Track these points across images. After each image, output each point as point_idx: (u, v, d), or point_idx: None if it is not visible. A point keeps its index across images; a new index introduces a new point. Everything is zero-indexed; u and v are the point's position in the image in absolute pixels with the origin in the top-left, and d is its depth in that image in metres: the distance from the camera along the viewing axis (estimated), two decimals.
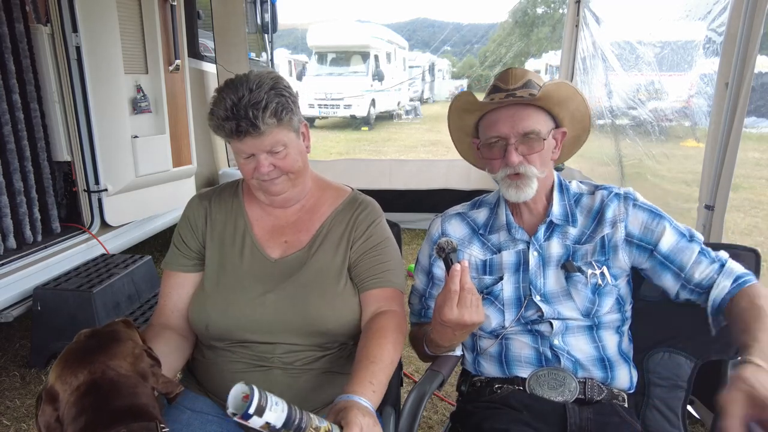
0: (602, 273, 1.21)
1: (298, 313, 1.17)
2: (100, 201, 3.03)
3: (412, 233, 4.60)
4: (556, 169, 1.34)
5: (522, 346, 1.24)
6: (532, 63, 20.73)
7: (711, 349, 1.22)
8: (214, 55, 4.55)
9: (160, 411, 0.93)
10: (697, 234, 1.21)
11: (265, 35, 4.89)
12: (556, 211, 1.27)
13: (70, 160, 2.92)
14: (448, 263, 1.10)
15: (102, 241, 3.05)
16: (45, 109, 2.80)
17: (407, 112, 18.16)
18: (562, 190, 1.30)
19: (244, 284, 1.21)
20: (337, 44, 16.36)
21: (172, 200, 3.52)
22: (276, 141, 1.14)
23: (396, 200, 4.32)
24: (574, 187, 1.31)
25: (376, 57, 16.36)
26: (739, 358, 0.96)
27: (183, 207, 1.33)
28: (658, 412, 1.31)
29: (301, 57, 19.59)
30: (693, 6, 2.57)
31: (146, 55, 3.20)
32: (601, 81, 3.71)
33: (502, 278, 1.26)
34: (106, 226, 3.11)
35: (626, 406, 1.21)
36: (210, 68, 4.56)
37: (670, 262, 1.19)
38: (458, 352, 1.31)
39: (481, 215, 1.36)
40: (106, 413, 0.85)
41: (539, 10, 22.90)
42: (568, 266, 1.22)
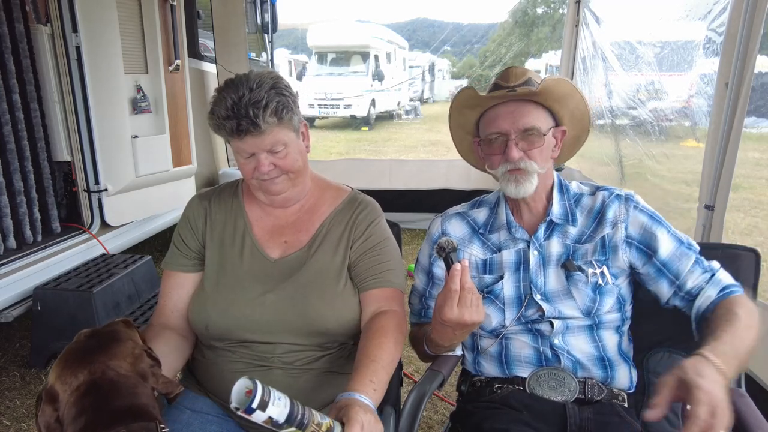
0: (602, 272, 1.21)
1: (298, 313, 1.17)
2: (100, 201, 3.03)
3: (412, 233, 4.60)
4: (556, 169, 1.34)
5: (522, 345, 1.24)
6: (532, 63, 20.72)
7: None
8: (214, 55, 4.55)
9: (160, 411, 0.93)
10: (694, 243, 1.22)
11: (265, 35, 4.89)
12: (556, 210, 1.27)
13: (70, 160, 2.92)
14: (449, 263, 1.10)
15: (102, 241, 3.05)
16: (45, 109, 2.81)
17: (407, 112, 18.16)
18: (562, 190, 1.30)
19: (243, 284, 1.21)
20: (337, 44, 16.36)
21: (172, 200, 3.52)
22: (276, 140, 1.14)
23: (396, 200, 4.32)
24: (574, 187, 1.32)
25: (376, 57, 16.37)
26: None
27: (183, 207, 1.33)
28: None
29: (301, 57, 19.60)
30: (693, 6, 2.57)
31: (146, 55, 3.20)
32: (601, 81, 3.71)
33: (502, 277, 1.27)
34: (106, 226, 3.11)
35: (626, 406, 1.21)
36: (210, 68, 4.57)
37: (667, 269, 1.19)
38: (458, 352, 1.31)
39: (481, 215, 1.36)
40: (106, 413, 0.85)
41: (539, 10, 22.89)
42: (568, 265, 1.22)
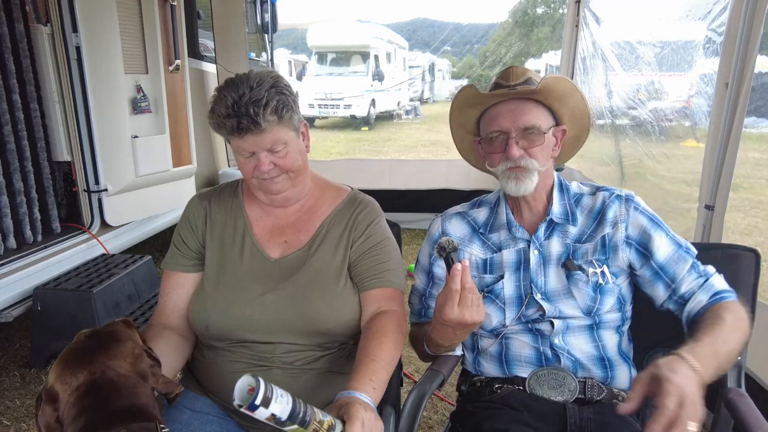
0: (603, 272, 1.21)
1: (298, 313, 1.17)
2: (100, 201, 3.03)
3: (412, 233, 4.60)
4: (556, 169, 1.34)
5: (522, 345, 1.24)
6: (532, 63, 20.71)
7: None
8: (214, 55, 4.55)
9: (160, 411, 0.93)
10: (692, 247, 1.22)
11: (265, 35, 4.89)
12: (556, 209, 1.27)
13: (70, 160, 2.92)
14: (449, 262, 1.10)
15: (102, 241, 3.05)
16: (45, 109, 2.81)
17: (407, 112, 18.16)
18: (562, 189, 1.30)
19: (243, 284, 1.21)
20: (337, 44, 16.36)
21: (172, 200, 3.52)
22: (276, 139, 1.14)
23: (396, 200, 4.32)
24: (574, 187, 1.32)
25: (376, 57, 16.36)
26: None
27: (183, 207, 1.33)
28: None
29: (301, 57, 19.60)
30: (693, 6, 2.57)
31: (146, 55, 3.20)
32: (601, 81, 3.71)
33: (502, 277, 1.27)
34: (106, 226, 3.11)
35: None
36: (210, 68, 4.57)
37: (663, 273, 1.20)
38: (458, 352, 1.31)
39: (482, 214, 1.36)
40: (106, 413, 0.85)
41: (539, 10, 22.89)
42: (568, 264, 1.22)
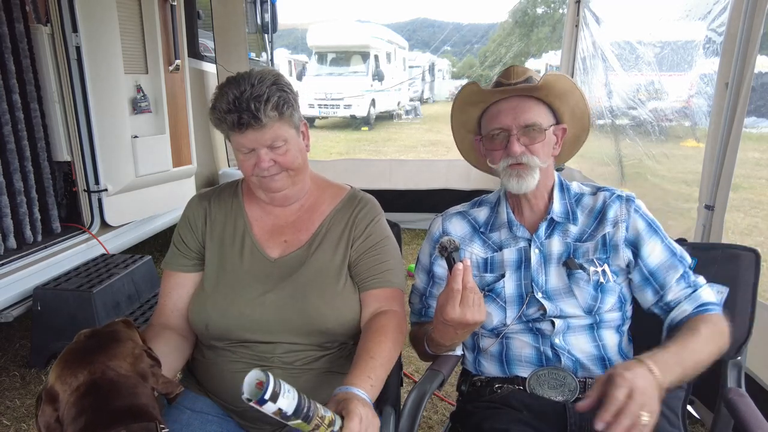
0: (603, 270, 1.21)
1: (298, 312, 1.17)
2: (100, 201, 3.03)
3: (412, 233, 4.60)
4: (557, 169, 1.34)
5: (522, 345, 1.24)
6: (532, 63, 20.72)
7: None
8: (214, 55, 4.55)
9: (160, 411, 0.93)
10: (687, 256, 1.23)
11: (265, 35, 4.89)
12: (557, 208, 1.27)
13: (70, 160, 2.92)
14: (451, 262, 1.10)
15: (102, 241, 3.05)
16: (45, 109, 2.80)
17: (407, 112, 18.15)
18: (563, 189, 1.31)
19: (243, 284, 1.21)
20: (337, 44, 16.35)
21: (172, 200, 3.52)
22: (277, 135, 1.14)
23: (396, 200, 4.32)
24: (575, 187, 1.32)
25: (376, 57, 16.36)
26: None
27: (183, 207, 1.33)
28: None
29: (301, 57, 19.59)
30: (693, 6, 2.57)
31: (146, 55, 3.20)
32: (601, 81, 3.71)
33: (503, 276, 1.27)
34: (106, 226, 3.11)
35: None
36: (210, 68, 4.57)
37: (653, 278, 1.21)
38: (458, 352, 1.31)
39: (482, 213, 1.36)
40: (106, 413, 0.85)
41: (539, 10, 22.88)
42: (569, 263, 1.22)
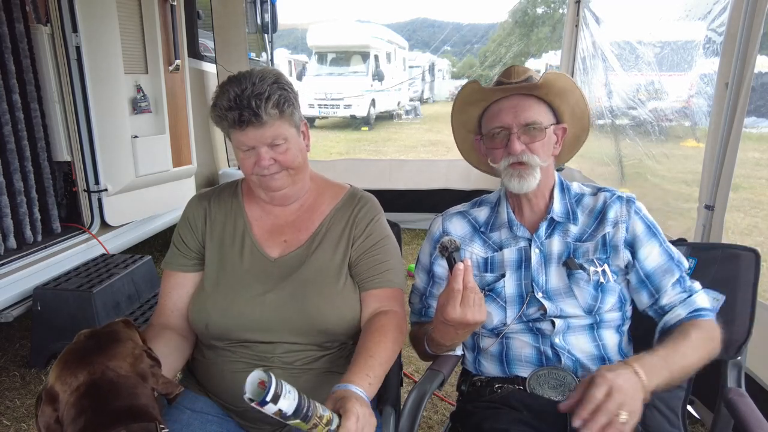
0: (604, 270, 1.21)
1: (298, 312, 1.17)
2: (100, 201, 3.03)
3: (412, 233, 4.60)
4: (557, 169, 1.34)
5: (522, 345, 1.24)
6: (532, 63, 20.70)
7: None
8: (214, 55, 4.55)
9: (160, 411, 0.93)
10: (684, 261, 1.23)
11: (265, 35, 4.89)
12: (557, 208, 1.27)
13: (70, 160, 2.92)
14: (451, 262, 1.10)
15: (102, 241, 3.05)
16: (45, 109, 2.80)
17: (407, 112, 18.14)
18: (563, 189, 1.31)
19: (244, 284, 1.21)
20: (337, 44, 16.34)
21: (172, 200, 3.52)
22: (277, 134, 1.14)
23: (396, 200, 4.32)
24: (575, 187, 1.32)
25: (376, 57, 16.35)
26: None
27: (183, 207, 1.33)
28: (658, 411, 1.31)
29: (301, 57, 19.58)
30: (693, 6, 2.57)
31: (146, 55, 3.20)
32: (601, 81, 3.71)
33: (503, 275, 1.27)
34: (106, 226, 3.10)
35: None
36: (210, 68, 4.57)
37: (649, 281, 1.21)
38: (458, 352, 1.31)
39: (483, 213, 1.36)
40: (106, 414, 0.85)
41: (539, 10, 22.86)
42: (570, 263, 1.22)
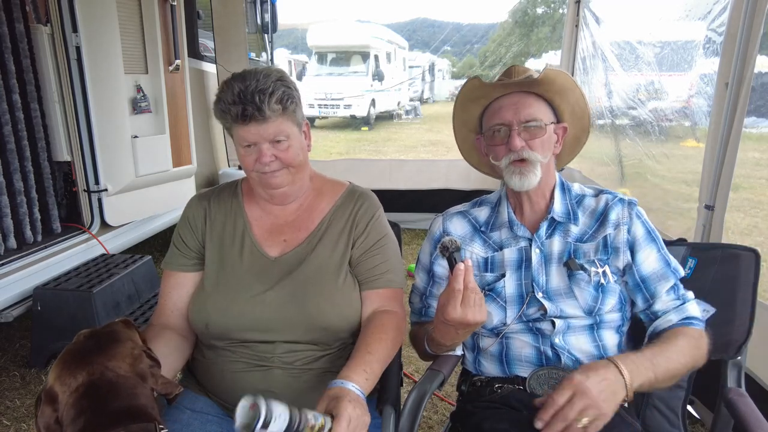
0: (604, 271, 1.21)
1: (298, 310, 1.17)
2: (100, 201, 3.02)
3: (412, 233, 4.60)
4: (557, 170, 1.34)
5: (522, 345, 1.24)
6: (532, 63, 20.73)
7: (710, 349, 1.22)
8: (214, 55, 4.55)
9: (160, 412, 0.93)
10: (680, 268, 1.23)
11: (265, 35, 4.89)
12: (558, 208, 1.27)
13: (70, 160, 2.92)
14: (452, 262, 1.10)
15: (102, 241, 3.05)
16: (45, 109, 2.80)
17: (407, 112, 18.13)
18: (564, 189, 1.31)
19: (244, 283, 1.21)
20: (337, 44, 16.33)
21: (172, 200, 3.52)
22: (279, 130, 1.14)
23: (396, 200, 4.32)
24: (576, 188, 1.32)
25: (376, 57, 16.34)
26: None
27: (183, 207, 1.33)
28: (658, 411, 1.31)
29: (301, 57, 19.56)
30: (693, 6, 2.57)
31: (146, 55, 3.19)
32: (601, 81, 3.71)
33: (504, 275, 1.27)
34: (106, 226, 3.10)
35: (626, 406, 1.20)
36: (210, 68, 4.57)
37: (644, 286, 1.21)
38: (458, 352, 1.31)
39: (483, 213, 1.36)
40: (105, 414, 0.85)
41: (539, 10, 22.84)
42: (570, 264, 1.22)
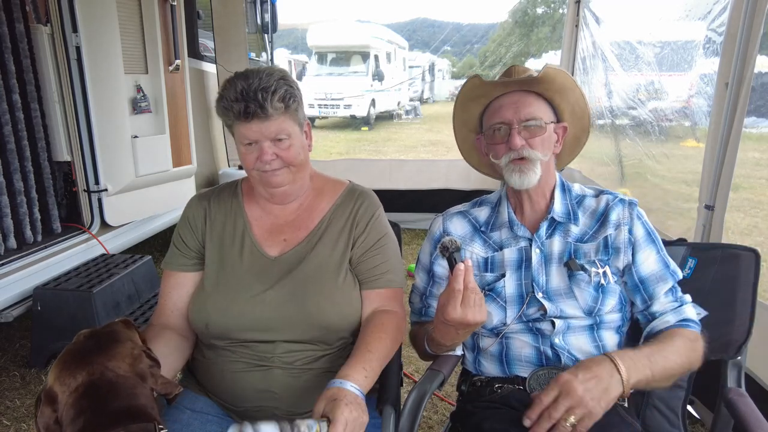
0: (605, 272, 1.21)
1: (298, 308, 1.17)
2: (100, 201, 3.02)
3: (412, 233, 4.60)
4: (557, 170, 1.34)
5: (522, 345, 1.24)
6: (532, 63, 20.71)
7: (710, 349, 1.22)
8: (214, 55, 4.55)
9: (160, 412, 0.93)
10: (678, 271, 1.24)
11: (265, 35, 4.89)
12: (558, 208, 1.27)
13: (70, 160, 2.92)
14: (452, 262, 1.10)
15: (102, 241, 3.05)
16: (45, 109, 2.80)
17: (407, 112, 18.13)
18: (564, 190, 1.31)
19: (244, 283, 1.21)
20: (337, 44, 16.33)
21: (172, 200, 3.52)
22: (281, 129, 1.15)
23: (396, 200, 4.32)
24: (576, 189, 1.32)
25: (376, 57, 16.33)
26: None
27: (183, 207, 1.33)
28: (658, 411, 1.31)
29: (301, 57, 19.55)
30: (693, 6, 2.57)
31: (146, 55, 3.19)
32: (601, 81, 3.71)
33: (504, 275, 1.27)
34: (106, 226, 3.10)
35: (626, 406, 1.20)
36: (210, 68, 4.57)
37: (643, 287, 1.21)
38: (458, 352, 1.31)
39: (483, 213, 1.36)
40: (105, 414, 0.85)
41: (539, 10, 22.82)
42: (571, 264, 1.22)
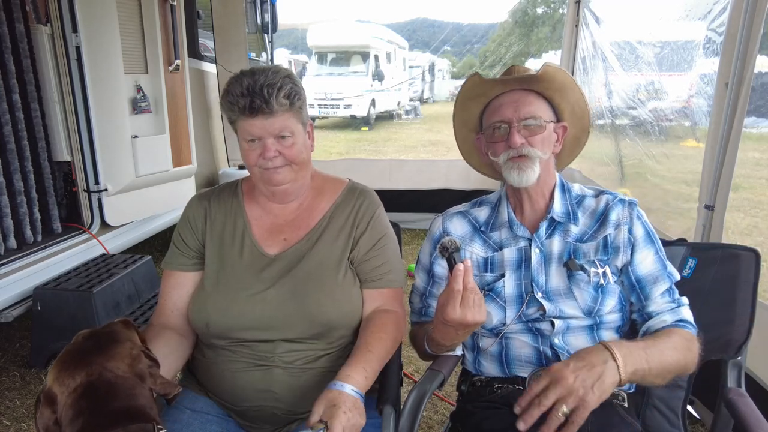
0: (604, 272, 1.21)
1: (299, 306, 1.18)
2: (100, 201, 3.02)
3: (412, 233, 4.60)
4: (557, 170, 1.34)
5: (522, 345, 1.24)
6: (532, 63, 20.70)
7: (710, 349, 1.22)
8: (214, 55, 4.55)
9: (159, 412, 0.93)
10: (675, 273, 1.24)
11: (265, 35, 4.89)
12: (558, 208, 1.27)
13: (70, 160, 2.92)
14: (452, 262, 1.10)
15: (102, 241, 3.05)
16: (45, 109, 2.80)
17: (407, 112, 18.13)
18: (564, 190, 1.31)
19: (244, 282, 1.21)
20: (337, 44, 16.33)
21: (172, 200, 3.52)
22: (285, 126, 1.15)
23: (396, 200, 4.32)
24: (576, 189, 1.32)
25: (376, 57, 16.33)
26: None
27: (183, 207, 1.33)
28: (658, 411, 1.31)
29: (301, 57, 19.56)
30: (693, 6, 2.57)
31: (146, 55, 3.20)
32: (601, 81, 3.71)
33: (503, 275, 1.27)
34: (106, 226, 3.10)
35: (626, 405, 1.20)
36: (210, 68, 4.57)
37: (639, 287, 1.21)
38: (458, 352, 1.31)
39: (483, 213, 1.36)
40: (104, 415, 0.85)
41: (539, 10, 22.81)
42: (570, 264, 1.22)
